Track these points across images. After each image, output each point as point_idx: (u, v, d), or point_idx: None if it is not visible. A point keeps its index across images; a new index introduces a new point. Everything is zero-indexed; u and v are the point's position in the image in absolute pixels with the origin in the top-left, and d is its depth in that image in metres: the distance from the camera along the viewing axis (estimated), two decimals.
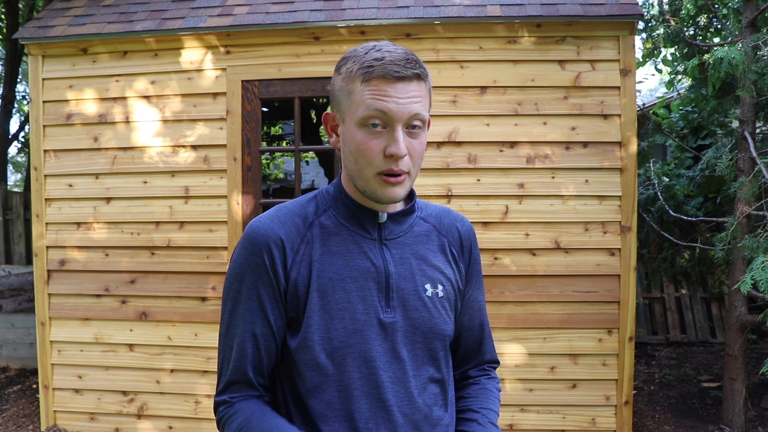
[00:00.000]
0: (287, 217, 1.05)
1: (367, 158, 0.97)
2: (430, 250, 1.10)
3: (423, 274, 1.07)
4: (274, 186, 10.98)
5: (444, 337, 1.09)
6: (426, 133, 1.02)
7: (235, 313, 1.04)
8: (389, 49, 0.97)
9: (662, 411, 4.05)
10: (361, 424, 1.00)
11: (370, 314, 1.01)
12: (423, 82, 0.98)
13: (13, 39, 6.81)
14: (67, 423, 3.60)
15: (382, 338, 1.02)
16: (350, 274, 1.02)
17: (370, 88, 0.95)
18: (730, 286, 3.72)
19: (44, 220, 3.59)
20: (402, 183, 0.99)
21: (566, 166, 3.29)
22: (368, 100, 0.95)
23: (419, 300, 1.05)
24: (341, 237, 1.04)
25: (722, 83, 3.47)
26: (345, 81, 0.99)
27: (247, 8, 3.49)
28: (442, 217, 1.16)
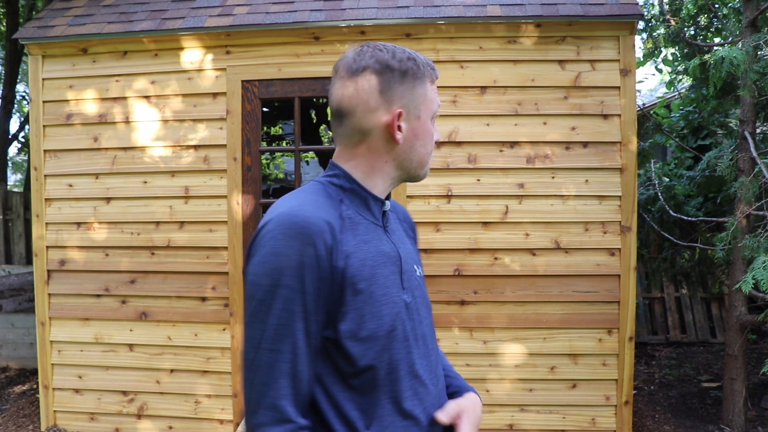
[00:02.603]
0: (326, 205, 1.02)
1: (431, 146, 1.14)
2: (404, 233, 1.22)
3: (411, 256, 1.17)
4: (274, 186, 10.97)
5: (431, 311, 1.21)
6: None
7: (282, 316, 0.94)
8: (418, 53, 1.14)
9: (662, 411, 4.05)
10: (406, 404, 1.04)
11: (399, 297, 1.07)
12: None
13: (13, 39, 6.81)
14: (67, 423, 3.60)
15: (408, 318, 1.08)
16: (382, 261, 1.05)
17: (432, 87, 1.12)
18: (730, 286, 3.72)
19: (44, 220, 3.59)
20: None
21: (566, 166, 3.29)
22: (436, 98, 1.13)
23: (416, 280, 1.14)
24: (364, 226, 1.07)
25: (722, 83, 3.47)
26: (417, 79, 1.09)
27: (247, 8, 3.49)
28: (394, 204, 1.25)
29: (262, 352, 0.94)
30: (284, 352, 0.93)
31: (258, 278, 0.95)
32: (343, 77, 1.09)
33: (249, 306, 0.97)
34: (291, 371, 0.94)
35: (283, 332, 0.93)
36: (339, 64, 1.11)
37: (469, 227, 3.32)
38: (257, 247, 0.97)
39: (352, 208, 1.07)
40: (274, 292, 0.94)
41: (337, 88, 1.09)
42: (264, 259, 0.95)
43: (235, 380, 3.45)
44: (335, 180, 1.10)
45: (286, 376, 0.93)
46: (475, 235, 3.31)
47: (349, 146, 1.10)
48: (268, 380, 0.93)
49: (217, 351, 3.47)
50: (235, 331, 3.44)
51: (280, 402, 0.93)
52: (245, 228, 3.46)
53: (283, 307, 0.93)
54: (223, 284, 3.46)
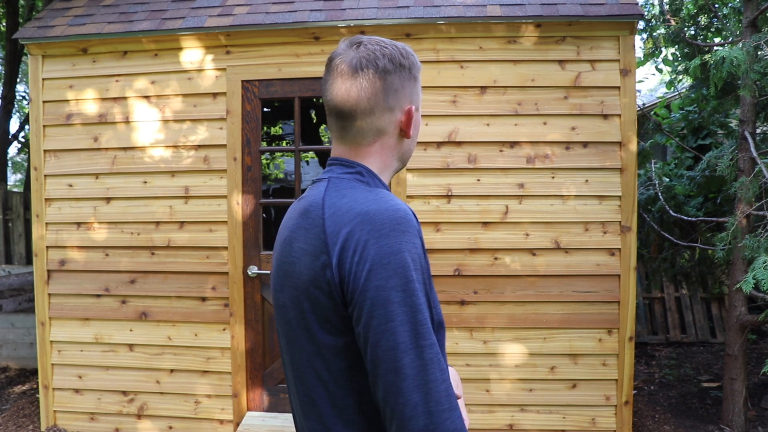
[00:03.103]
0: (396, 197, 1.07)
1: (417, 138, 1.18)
2: None
3: None
4: (274, 186, 10.97)
5: None
6: None
7: (421, 311, 0.91)
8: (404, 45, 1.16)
9: (662, 411, 4.05)
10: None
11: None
12: None
13: (13, 39, 6.81)
14: (67, 423, 3.60)
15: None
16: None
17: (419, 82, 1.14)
18: (730, 286, 3.72)
19: (44, 220, 3.59)
20: None
21: (566, 166, 3.29)
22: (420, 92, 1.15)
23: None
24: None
25: (723, 83, 3.47)
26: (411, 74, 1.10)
27: (247, 8, 3.49)
28: None
29: (424, 350, 0.90)
30: (435, 344, 0.91)
31: (388, 281, 0.90)
32: (348, 75, 1.03)
33: (385, 313, 0.90)
34: (443, 364, 0.92)
35: (429, 326, 0.92)
36: (338, 61, 1.05)
37: (469, 227, 3.32)
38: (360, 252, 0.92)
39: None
40: (409, 290, 0.91)
41: (341, 86, 1.04)
42: (384, 261, 0.91)
43: (235, 380, 3.45)
44: (360, 177, 1.06)
45: (444, 369, 0.92)
46: (475, 235, 3.31)
47: (362, 145, 1.08)
48: (440, 373, 0.90)
49: (217, 351, 3.47)
50: (235, 331, 3.44)
51: (451, 391, 0.91)
52: (245, 228, 3.46)
53: (419, 302, 0.91)
54: (223, 284, 3.46)
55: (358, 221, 0.93)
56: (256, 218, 3.49)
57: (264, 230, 3.67)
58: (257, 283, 3.48)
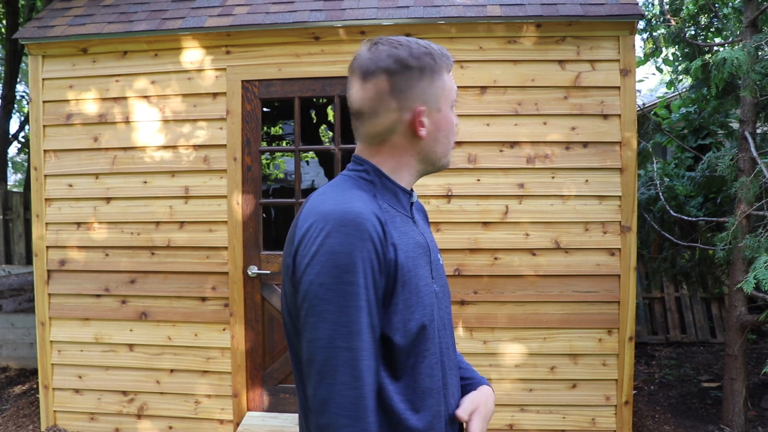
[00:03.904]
0: (370, 199, 1.04)
1: (453, 134, 1.16)
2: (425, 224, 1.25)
3: (435, 246, 1.20)
4: (274, 186, 10.97)
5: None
6: None
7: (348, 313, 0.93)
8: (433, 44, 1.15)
9: (662, 411, 4.05)
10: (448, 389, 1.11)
11: (431, 287, 1.09)
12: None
13: (13, 39, 6.81)
14: (67, 423, 3.60)
15: (438, 307, 1.11)
16: (419, 252, 1.08)
17: (448, 77, 1.13)
18: (730, 286, 3.72)
19: (44, 220, 3.59)
20: None
21: (566, 166, 3.29)
22: (454, 86, 1.14)
23: (441, 268, 1.19)
24: (400, 218, 1.09)
25: (724, 84, 3.47)
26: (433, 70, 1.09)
27: (247, 8, 3.49)
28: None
29: (338, 351, 0.92)
30: (361, 350, 0.92)
31: (319, 278, 0.93)
32: (360, 78, 1.09)
33: (311, 307, 0.94)
34: (370, 368, 0.93)
35: (355, 329, 0.92)
36: (354, 64, 1.11)
37: (469, 227, 3.32)
38: (308, 247, 0.96)
39: (386, 201, 1.09)
40: (340, 290, 0.93)
41: (356, 89, 1.10)
42: (322, 258, 0.94)
43: (235, 380, 3.45)
44: (365, 175, 1.10)
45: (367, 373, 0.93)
46: (475, 235, 3.31)
47: (373, 144, 1.11)
48: (350, 379, 0.91)
49: (217, 351, 3.47)
50: (235, 331, 3.44)
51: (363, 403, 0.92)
52: (245, 228, 3.46)
53: (351, 304, 0.92)
54: (223, 284, 3.46)
55: (318, 218, 0.97)
56: (256, 218, 3.49)
57: (264, 230, 3.67)
58: (257, 283, 3.48)
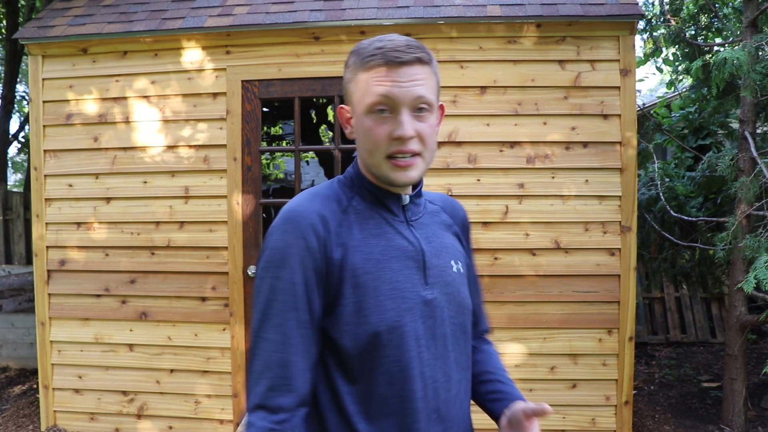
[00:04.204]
0: (324, 199, 1.05)
1: (376, 144, 1.00)
2: (443, 229, 1.16)
3: (447, 252, 1.12)
4: (274, 186, 10.98)
5: (470, 311, 1.15)
6: (435, 116, 1.05)
7: (273, 306, 0.97)
8: (391, 38, 1.01)
9: (662, 411, 4.05)
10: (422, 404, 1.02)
11: (414, 292, 1.03)
12: (426, 65, 1.01)
13: (13, 39, 6.81)
14: (67, 423, 3.60)
15: (426, 316, 1.04)
16: (394, 254, 1.03)
17: (374, 75, 0.99)
18: (730, 286, 3.72)
19: (44, 220, 3.59)
20: (413, 165, 1.02)
21: (566, 166, 3.29)
22: (373, 87, 0.99)
23: (450, 276, 1.10)
24: (376, 220, 1.06)
25: (724, 84, 3.47)
26: (352, 73, 1.03)
27: (247, 8, 3.49)
28: (444, 199, 1.24)
29: (258, 341, 0.98)
30: (275, 342, 0.96)
31: (258, 271, 1.01)
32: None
33: (254, 299, 1.02)
34: (282, 360, 0.96)
35: (275, 322, 0.97)
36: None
37: None
38: (264, 243, 1.04)
39: (364, 202, 1.08)
40: (269, 284, 0.98)
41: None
42: (264, 253, 1.01)
43: (235, 380, 3.45)
44: (348, 176, 1.11)
45: (276, 365, 0.96)
46: (475, 235, 3.31)
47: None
48: (260, 369, 0.97)
49: (217, 351, 3.47)
50: (235, 331, 3.44)
51: (271, 392, 0.95)
52: (245, 228, 3.46)
53: (275, 298, 0.97)
54: (223, 284, 3.46)
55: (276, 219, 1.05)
56: (256, 218, 3.49)
57: (264, 230, 3.67)
58: None
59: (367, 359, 1.00)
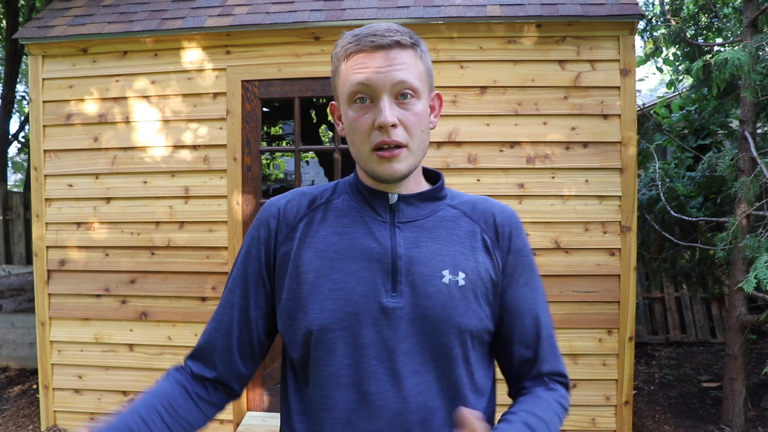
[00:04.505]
0: (294, 195, 1.07)
1: (360, 135, 0.95)
2: (454, 235, 1.01)
3: (441, 260, 0.97)
4: (274, 186, 10.97)
5: (463, 331, 0.96)
6: (422, 104, 0.97)
7: (225, 286, 1.08)
8: (372, 25, 0.96)
9: (662, 411, 4.05)
10: (344, 415, 0.94)
11: (369, 297, 0.95)
12: (407, 49, 0.94)
13: (13, 39, 6.81)
14: (67, 423, 3.60)
15: (382, 324, 0.94)
16: (352, 254, 0.97)
17: (351, 63, 0.94)
18: (730, 286, 3.72)
19: (44, 220, 3.59)
20: (398, 157, 0.94)
21: (566, 166, 3.29)
22: (351, 75, 0.94)
23: (433, 287, 0.95)
24: (350, 218, 1.01)
25: (725, 84, 3.47)
26: (335, 65, 0.99)
27: (247, 8, 3.49)
28: (476, 204, 1.07)
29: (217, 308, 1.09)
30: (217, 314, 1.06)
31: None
32: None
33: None
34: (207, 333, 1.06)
35: (225, 297, 1.06)
36: None
37: None
38: None
39: (350, 201, 1.03)
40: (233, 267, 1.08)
41: None
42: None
43: None
44: (349, 176, 1.08)
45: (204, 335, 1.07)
46: None
47: None
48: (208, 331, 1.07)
49: None
50: None
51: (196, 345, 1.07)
52: (245, 228, 3.46)
53: (231, 279, 1.06)
54: (223, 284, 3.45)
55: None
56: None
57: None
58: None
59: (305, 358, 0.98)
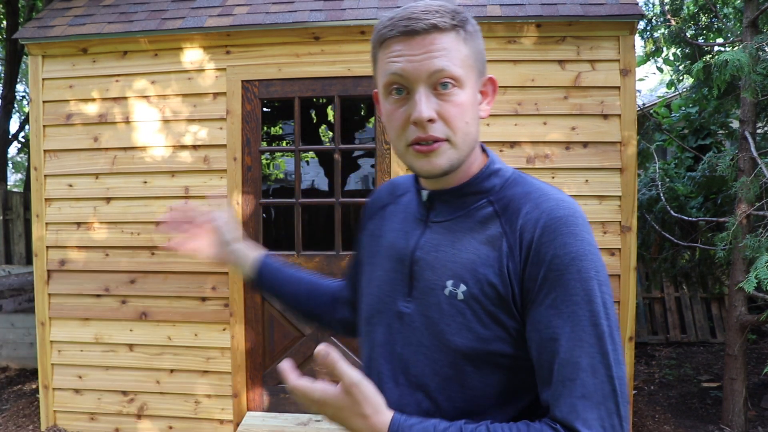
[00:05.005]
0: (390, 185, 1.10)
1: (395, 129, 0.87)
2: (476, 240, 0.88)
3: (451, 268, 0.87)
4: (274, 186, 10.97)
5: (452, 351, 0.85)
6: (467, 92, 0.87)
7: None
8: (410, 6, 0.85)
9: (662, 411, 4.05)
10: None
11: (390, 298, 0.94)
12: (447, 32, 0.84)
13: (13, 39, 6.81)
14: (67, 423, 3.60)
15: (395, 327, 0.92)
16: (388, 254, 0.97)
17: (386, 51, 0.86)
18: (730, 286, 3.72)
19: (44, 220, 3.59)
20: (437, 151, 0.85)
21: (566, 166, 3.28)
22: (386, 65, 0.86)
23: (435, 297, 0.88)
24: (402, 215, 0.99)
25: (725, 85, 3.47)
26: (373, 54, 0.90)
27: (247, 8, 3.49)
28: (513, 200, 0.88)
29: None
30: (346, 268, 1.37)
31: None
32: None
33: None
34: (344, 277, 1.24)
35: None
36: None
37: None
38: None
39: (411, 195, 1.01)
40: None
41: None
42: None
43: (235, 380, 3.45)
44: None
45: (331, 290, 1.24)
46: None
47: None
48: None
49: (217, 351, 3.47)
50: (235, 331, 3.44)
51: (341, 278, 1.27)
52: (245, 228, 3.46)
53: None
54: (223, 284, 3.45)
55: None
56: (256, 218, 3.49)
57: (264, 230, 3.67)
58: None
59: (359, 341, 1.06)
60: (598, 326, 0.79)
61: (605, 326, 0.79)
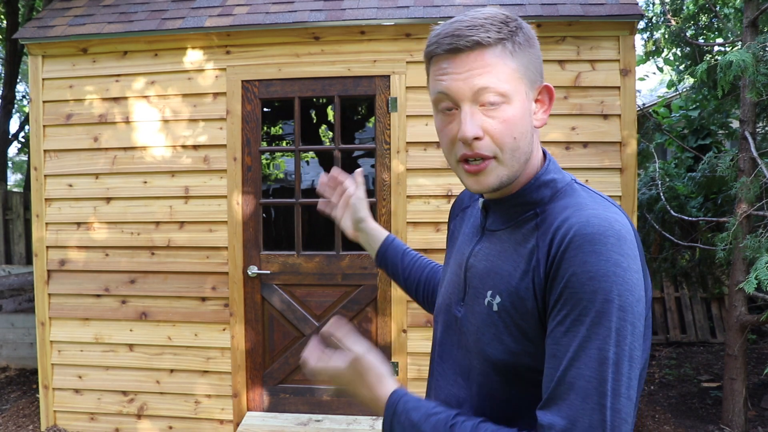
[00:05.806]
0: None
1: (446, 145, 0.89)
2: (518, 253, 0.88)
3: (491, 278, 0.90)
4: (274, 186, 10.97)
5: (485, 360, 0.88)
6: (515, 107, 0.85)
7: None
8: (460, 18, 0.85)
9: (662, 411, 4.05)
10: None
11: (450, 301, 1.00)
12: (492, 48, 0.83)
13: (13, 39, 6.80)
14: (67, 423, 3.60)
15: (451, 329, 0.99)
16: (456, 256, 1.04)
17: (434, 68, 0.87)
18: (730, 286, 3.72)
19: (44, 220, 3.59)
20: (484, 171, 0.85)
21: (566, 166, 3.28)
22: (433, 82, 0.88)
23: (478, 305, 0.91)
24: (472, 220, 1.06)
25: (729, 86, 3.46)
26: (425, 66, 0.92)
27: (247, 8, 3.49)
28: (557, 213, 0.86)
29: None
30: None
31: None
32: None
33: None
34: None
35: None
36: None
37: None
38: None
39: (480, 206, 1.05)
40: None
41: None
42: None
43: (235, 380, 3.45)
44: None
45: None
46: None
47: None
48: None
49: (217, 351, 3.47)
50: (235, 331, 3.44)
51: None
52: (245, 228, 3.46)
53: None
54: (223, 284, 3.45)
55: None
56: (256, 218, 3.49)
57: (264, 230, 3.67)
58: (257, 283, 3.48)
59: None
60: (603, 351, 0.75)
61: (612, 353, 0.75)
